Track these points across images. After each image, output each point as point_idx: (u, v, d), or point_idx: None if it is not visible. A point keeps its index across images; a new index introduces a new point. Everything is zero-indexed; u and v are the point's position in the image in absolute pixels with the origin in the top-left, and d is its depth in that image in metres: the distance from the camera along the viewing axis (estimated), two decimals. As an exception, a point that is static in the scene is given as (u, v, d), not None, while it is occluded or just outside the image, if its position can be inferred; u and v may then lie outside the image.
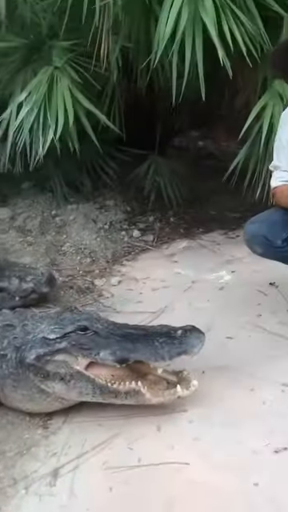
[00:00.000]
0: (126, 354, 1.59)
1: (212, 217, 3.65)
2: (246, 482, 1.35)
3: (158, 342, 1.59)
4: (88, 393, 1.62)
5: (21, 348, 1.67)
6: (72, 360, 1.61)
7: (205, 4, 2.12)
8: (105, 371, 1.63)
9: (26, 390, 1.66)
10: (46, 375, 1.62)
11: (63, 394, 1.64)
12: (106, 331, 1.65)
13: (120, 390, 1.60)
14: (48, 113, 2.45)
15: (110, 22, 2.43)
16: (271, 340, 2.04)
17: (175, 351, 1.56)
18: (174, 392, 1.60)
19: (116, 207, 3.66)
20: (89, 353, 1.61)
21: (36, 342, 1.66)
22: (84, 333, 1.65)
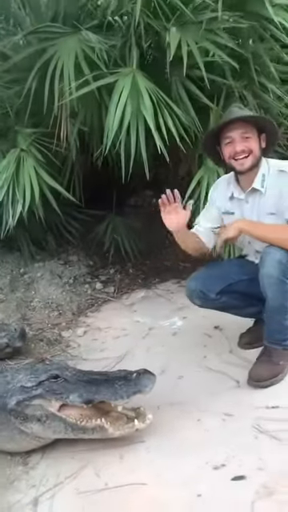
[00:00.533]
0: (91, 396, 1.90)
1: (166, 267, 4.04)
2: (191, 494, 1.67)
3: (117, 384, 1.91)
4: (61, 431, 1.92)
5: (2, 396, 1.96)
6: (46, 403, 1.91)
7: (144, 101, 2.59)
8: (74, 411, 1.93)
9: (7, 431, 1.94)
10: (25, 418, 1.92)
11: (40, 433, 1.93)
12: (73, 378, 1.97)
13: (87, 427, 1.90)
14: (16, 189, 2.83)
15: (68, 112, 2.87)
16: (215, 377, 2.36)
17: (131, 391, 1.89)
18: (132, 425, 1.91)
19: (79, 262, 4.01)
20: (60, 396, 1.91)
21: (15, 390, 1.95)
22: (55, 380, 1.95)
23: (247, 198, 2.31)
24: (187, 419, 2.08)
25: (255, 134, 2.18)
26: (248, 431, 1.94)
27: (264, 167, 2.25)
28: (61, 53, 2.77)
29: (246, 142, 2.16)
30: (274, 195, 2.20)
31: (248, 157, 2.16)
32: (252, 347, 2.51)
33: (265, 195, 2.24)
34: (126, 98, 2.60)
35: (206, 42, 2.66)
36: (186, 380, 2.41)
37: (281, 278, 2.07)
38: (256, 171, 2.24)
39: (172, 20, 2.79)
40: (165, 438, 1.98)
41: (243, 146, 2.16)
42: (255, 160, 2.18)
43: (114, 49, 2.90)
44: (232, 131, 2.16)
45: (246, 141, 2.16)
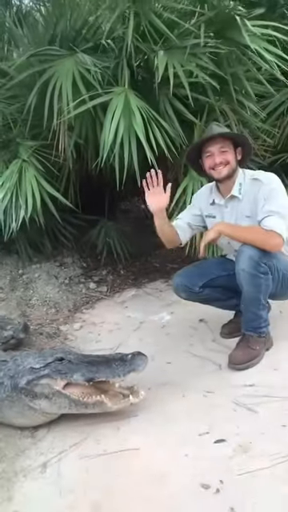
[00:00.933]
0: (92, 375, 2.18)
1: (155, 268, 4.35)
2: (180, 455, 1.96)
3: (114, 364, 2.20)
4: (65, 406, 2.20)
5: (14, 376, 2.23)
6: (53, 382, 2.19)
7: (136, 118, 2.90)
8: (77, 390, 2.21)
9: (18, 407, 2.21)
10: (34, 395, 2.19)
11: (47, 408, 2.20)
12: (76, 360, 2.26)
13: (89, 402, 2.18)
14: (19, 196, 3.12)
15: (66, 126, 3.16)
16: (199, 362, 2.67)
17: (127, 370, 2.18)
18: (127, 400, 2.20)
19: (74, 264, 4.29)
20: (65, 376, 2.19)
21: (25, 371, 2.23)
22: (61, 362, 2.23)
23: (226, 204, 2.63)
24: (174, 396, 2.37)
25: (231, 148, 2.51)
26: (227, 405, 2.24)
27: (241, 177, 2.58)
28: (59, 73, 3.06)
29: (223, 154, 2.49)
30: (249, 201, 2.52)
31: (225, 167, 2.50)
32: (232, 336, 2.81)
33: (242, 201, 2.56)
34: (119, 116, 2.90)
35: (190, 65, 2.98)
36: (173, 365, 2.71)
37: (253, 272, 2.38)
38: (234, 180, 2.57)
39: (159, 44, 3.12)
40: (155, 412, 2.27)
41: (221, 159, 2.49)
42: (231, 170, 2.52)
43: (108, 69, 3.21)
44: (212, 146, 2.50)
45: (224, 154, 2.49)
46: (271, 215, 2.37)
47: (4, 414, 2.25)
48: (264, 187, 2.45)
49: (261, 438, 1.98)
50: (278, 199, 2.40)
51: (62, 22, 3.34)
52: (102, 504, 1.77)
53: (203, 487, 1.77)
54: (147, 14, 3.01)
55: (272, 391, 2.28)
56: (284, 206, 2.39)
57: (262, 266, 2.40)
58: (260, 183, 2.49)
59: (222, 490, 1.75)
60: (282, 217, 2.36)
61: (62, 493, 1.85)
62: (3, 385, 2.23)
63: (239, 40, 2.93)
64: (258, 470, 1.80)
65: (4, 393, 2.22)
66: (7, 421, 2.27)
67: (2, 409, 2.24)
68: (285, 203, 2.41)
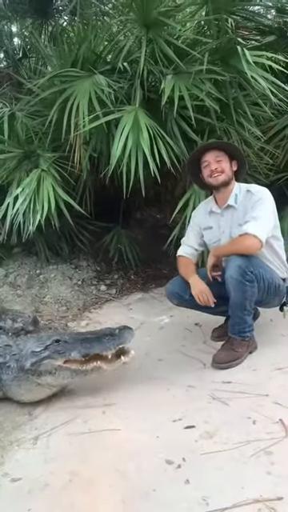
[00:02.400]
0: (87, 351, 2.48)
1: (164, 275, 4.59)
2: (153, 437, 2.21)
3: (105, 339, 2.51)
4: (68, 376, 2.51)
5: (19, 360, 2.55)
6: (54, 361, 2.50)
7: (143, 134, 3.19)
8: (75, 363, 2.50)
9: (26, 385, 2.52)
10: (40, 373, 2.50)
11: (52, 382, 2.51)
12: (71, 339, 2.57)
13: (87, 369, 2.48)
14: (37, 202, 3.44)
15: (81, 140, 3.49)
16: (188, 361, 2.92)
17: (116, 343, 2.49)
18: (120, 361, 2.50)
19: (88, 267, 4.60)
20: (64, 354, 2.50)
21: (28, 355, 2.54)
22: (58, 343, 2.54)
23: (223, 213, 2.88)
24: (159, 389, 2.62)
25: (226, 158, 2.80)
26: (204, 398, 2.47)
27: (237, 188, 2.85)
28: (77, 92, 3.39)
29: (218, 163, 2.78)
30: (243, 211, 2.77)
31: (221, 174, 2.78)
32: (221, 339, 3.04)
33: (237, 210, 2.81)
34: (128, 132, 3.19)
35: (195, 89, 3.25)
36: (164, 362, 2.96)
37: (239, 279, 2.62)
38: (230, 190, 2.84)
39: (170, 68, 3.42)
40: (139, 401, 2.53)
41: (217, 165, 2.78)
42: (227, 177, 2.79)
43: (122, 89, 3.52)
44: (208, 156, 2.80)
45: (219, 162, 2.78)
46: (250, 221, 2.63)
47: (13, 391, 2.57)
48: (253, 197, 2.72)
49: (227, 426, 2.21)
50: (261, 207, 2.67)
51: (84, 45, 3.68)
52: (79, 472, 2.03)
53: (167, 463, 2.01)
54: (158, 41, 3.30)
55: (246, 388, 2.50)
56: (265, 212, 2.65)
57: (248, 275, 2.63)
58: (251, 194, 2.75)
59: (183, 465, 1.98)
60: (259, 221, 2.62)
61: (46, 461, 2.13)
62: (10, 367, 2.56)
63: (240, 68, 3.19)
64: (218, 452, 2.03)
65: (12, 374, 2.55)
66: (16, 397, 2.59)
67: (12, 388, 2.56)
68: (267, 210, 2.66)
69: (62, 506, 1.85)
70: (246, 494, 1.78)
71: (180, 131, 3.43)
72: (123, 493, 1.87)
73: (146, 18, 3.29)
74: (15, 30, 5.91)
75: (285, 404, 2.31)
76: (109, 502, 1.83)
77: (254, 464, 1.94)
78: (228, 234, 2.87)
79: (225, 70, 3.29)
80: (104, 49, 3.77)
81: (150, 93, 3.56)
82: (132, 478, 1.95)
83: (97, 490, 1.91)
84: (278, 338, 3.03)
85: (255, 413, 2.28)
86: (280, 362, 2.71)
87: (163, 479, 1.92)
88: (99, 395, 2.62)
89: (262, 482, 1.83)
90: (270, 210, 2.71)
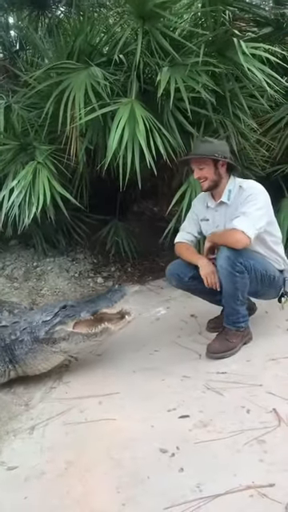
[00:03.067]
0: (94, 308, 2.62)
1: (161, 267, 4.58)
2: (147, 426, 2.23)
3: (108, 295, 2.68)
4: (80, 341, 2.63)
5: (33, 332, 2.63)
6: (65, 326, 2.60)
7: (139, 126, 3.19)
8: (84, 326, 2.64)
9: (43, 355, 2.62)
10: (54, 341, 2.61)
11: (66, 347, 2.64)
12: (76, 303, 2.71)
13: (97, 332, 2.62)
14: (32, 195, 3.44)
15: (77, 133, 3.49)
16: (183, 351, 2.93)
17: (119, 296, 2.68)
18: (125, 320, 2.67)
19: (85, 260, 4.61)
20: (74, 317, 2.61)
21: (40, 325, 2.63)
22: (65, 308, 2.65)
23: (217, 208, 2.90)
24: (154, 379, 2.65)
25: (210, 164, 2.78)
26: (199, 388, 2.50)
27: (231, 184, 2.84)
28: (73, 85, 3.38)
29: (201, 171, 2.80)
30: (236, 206, 2.78)
31: (205, 181, 2.81)
32: (216, 330, 3.05)
33: (230, 206, 2.83)
34: (124, 124, 3.19)
35: (190, 81, 3.25)
36: (159, 352, 2.98)
37: (229, 270, 2.64)
38: (223, 188, 2.84)
39: (167, 60, 3.41)
40: (135, 391, 2.55)
41: (199, 175, 2.81)
42: (211, 183, 2.81)
43: (118, 82, 3.51)
44: (192, 164, 2.86)
45: (201, 171, 2.80)
46: (239, 216, 2.65)
47: (29, 364, 2.65)
48: (244, 193, 2.73)
49: (221, 416, 2.24)
50: (251, 202, 2.67)
51: (80, 37, 3.67)
52: (74, 461, 2.05)
53: (161, 451, 2.04)
54: (154, 33, 3.30)
55: (241, 379, 2.53)
56: (255, 208, 2.66)
57: (237, 265, 2.65)
58: (243, 190, 2.76)
59: (176, 454, 2.01)
60: (248, 217, 2.63)
61: (42, 450, 2.16)
62: (23, 341, 2.64)
63: (236, 59, 3.19)
64: (211, 441, 2.06)
65: (26, 347, 2.63)
66: (32, 370, 2.68)
67: (27, 361, 2.64)
68: (257, 206, 2.67)
69: (57, 494, 1.87)
70: (239, 480, 1.81)
71: (176, 123, 3.43)
72: (118, 481, 1.90)
73: (141, 10, 3.28)
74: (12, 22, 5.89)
75: (278, 394, 2.34)
76: (104, 490, 1.86)
77: (247, 452, 1.97)
78: (222, 228, 2.88)
79: (221, 61, 3.28)
80: (100, 41, 3.76)
81: (147, 85, 3.55)
82: (127, 467, 1.98)
83: (92, 478, 1.93)
84: (272, 330, 3.06)
85: (249, 402, 2.31)
86: (274, 353, 2.74)
87: (157, 467, 1.95)
88: (95, 386, 2.64)
89: (254, 470, 1.86)
90: (262, 205, 2.70)
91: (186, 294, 3.85)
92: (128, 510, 1.75)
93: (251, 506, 1.70)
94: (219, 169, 2.79)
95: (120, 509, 1.75)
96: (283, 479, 1.79)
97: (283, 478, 1.80)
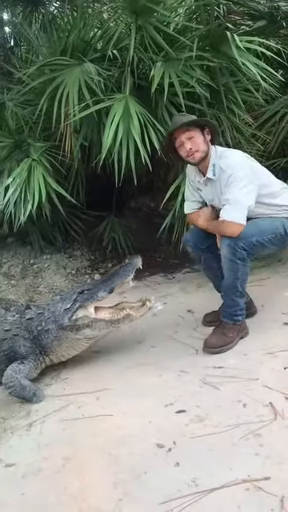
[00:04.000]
0: (111, 285, 2.71)
1: (158, 263, 4.61)
2: (145, 421, 2.24)
3: (121, 271, 2.76)
4: (103, 327, 2.71)
5: (57, 321, 2.70)
6: (86, 311, 2.68)
7: (134, 122, 3.18)
8: (107, 313, 2.75)
9: (68, 342, 2.71)
10: (78, 328, 2.69)
11: (90, 334, 2.71)
12: (92, 286, 2.78)
13: (119, 318, 2.71)
14: (28, 192, 3.44)
15: (72, 129, 3.48)
16: (180, 347, 2.93)
17: (131, 268, 2.74)
18: (146, 307, 2.77)
19: (82, 256, 4.61)
20: (92, 298, 2.69)
21: (62, 313, 2.70)
22: (83, 293, 2.71)
23: (206, 183, 2.87)
24: (151, 375, 2.65)
25: (198, 132, 2.75)
26: (196, 383, 2.51)
27: (214, 157, 2.78)
28: (67, 81, 3.37)
29: (191, 141, 2.73)
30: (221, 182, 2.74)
31: (197, 151, 2.75)
32: (213, 325, 3.05)
33: (217, 180, 2.78)
34: (118, 119, 3.19)
35: (184, 76, 3.24)
36: (156, 348, 2.98)
37: (230, 258, 2.66)
38: (208, 161, 2.80)
39: (161, 55, 3.40)
40: (132, 387, 2.56)
41: (190, 145, 2.74)
42: (203, 153, 2.75)
43: (112, 77, 3.50)
44: (179, 136, 2.76)
45: (192, 140, 2.74)
46: (225, 204, 2.67)
47: (56, 353, 2.75)
48: (224, 175, 2.70)
49: (217, 410, 2.24)
50: (233, 184, 2.65)
51: (74, 33, 3.66)
52: (71, 457, 2.06)
53: (158, 446, 2.04)
54: (148, 27, 3.28)
55: (237, 373, 2.53)
56: (238, 188, 2.64)
57: (238, 252, 2.66)
58: (223, 171, 2.71)
59: (173, 449, 2.02)
60: (233, 205, 2.64)
61: (39, 447, 2.17)
62: (49, 330, 2.72)
63: (230, 54, 3.17)
64: (207, 435, 2.07)
65: (52, 335, 2.71)
66: (58, 357, 2.77)
67: (53, 348, 2.72)
68: (239, 184, 2.64)
69: (55, 490, 1.88)
70: (235, 474, 1.82)
71: (171, 118, 3.41)
72: (115, 476, 1.90)
73: (135, 5, 3.27)
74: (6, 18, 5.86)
75: (275, 387, 2.34)
76: (100, 486, 1.87)
77: (242, 446, 1.98)
78: (216, 199, 2.87)
79: (215, 56, 3.27)
80: (94, 36, 3.74)
81: (141, 80, 3.54)
82: (124, 462, 1.98)
83: (89, 474, 1.94)
84: (269, 324, 3.05)
85: (245, 396, 2.31)
86: (271, 347, 2.74)
87: (154, 462, 1.96)
88: (92, 382, 2.66)
89: (250, 463, 1.87)
90: (245, 182, 2.65)
91: (183, 290, 3.91)
92: (125, 505, 1.76)
93: (247, 499, 1.70)
94: (206, 137, 2.76)
95: (117, 504, 1.76)
96: (279, 472, 1.80)
97: (279, 471, 1.81)
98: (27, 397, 2.54)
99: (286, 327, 2.99)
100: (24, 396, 2.54)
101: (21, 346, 2.69)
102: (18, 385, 2.55)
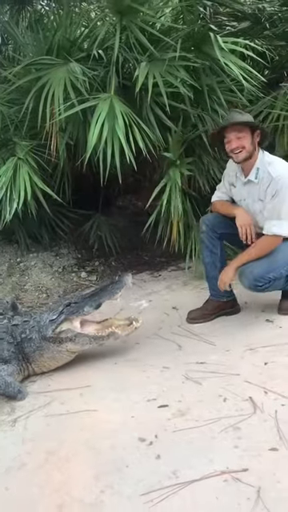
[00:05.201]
0: (98, 301, 2.70)
1: (145, 261, 4.66)
2: (127, 416, 2.28)
3: (109, 288, 2.74)
4: (86, 343, 2.70)
5: (41, 331, 2.70)
6: (71, 324, 2.68)
7: (119, 122, 3.22)
8: (92, 328, 2.74)
9: (49, 354, 2.70)
10: (61, 340, 2.68)
11: (72, 348, 2.70)
12: (80, 299, 2.77)
13: (104, 335, 2.71)
14: (13, 190, 3.47)
15: (57, 128, 3.51)
16: (163, 343, 2.99)
17: (120, 287, 2.73)
18: (132, 326, 2.76)
19: (69, 255, 4.64)
20: (78, 312, 2.69)
21: (47, 324, 2.70)
22: (70, 306, 2.71)
23: (245, 184, 2.94)
24: (135, 370, 2.69)
25: (248, 133, 2.80)
26: (178, 378, 2.55)
27: (259, 161, 2.86)
28: (52, 80, 3.40)
29: (239, 140, 2.79)
30: (263, 187, 2.83)
31: (242, 151, 2.80)
32: (196, 322, 3.12)
33: (258, 184, 2.86)
34: (103, 119, 3.22)
35: (168, 76, 3.29)
36: (140, 345, 3.03)
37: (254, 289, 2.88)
38: (253, 163, 2.86)
39: (146, 55, 3.44)
40: (116, 382, 2.59)
41: (237, 144, 2.80)
42: (248, 153, 2.81)
43: (97, 77, 3.53)
44: (229, 133, 2.82)
45: (240, 140, 2.79)
46: (273, 220, 2.79)
47: (37, 362, 2.74)
48: (273, 184, 2.77)
49: (198, 404, 2.29)
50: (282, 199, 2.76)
51: (59, 32, 3.68)
52: (55, 451, 2.09)
53: (140, 440, 2.08)
54: (132, 28, 3.32)
55: (219, 368, 2.58)
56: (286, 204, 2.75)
57: (260, 282, 2.82)
58: (271, 178, 2.79)
59: (154, 442, 2.06)
60: (283, 220, 2.76)
61: (23, 442, 2.19)
62: (32, 339, 2.72)
63: (213, 54, 3.22)
64: (189, 429, 2.11)
65: (34, 345, 2.71)
66: (40, 368, 2.76)
67: (35, 359, 2.72)
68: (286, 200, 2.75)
69: (37, 484, 1.91)
70: (214, 466, 1.86)
71: (155, 118, 3.46)
72: (97, 469, 1.94)
73: (119, 5, 3.30)
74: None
75: (255, 382, 2.40)
76: (82, 479, 1.90)
77: (222, 439, 2.03)
78: (248, 203, 2.96)
79: (199, 56, 3.32)
80: (80, 36, 3.77)
81: (125, 80, 3.58)
82: (106, 456, 2.02)
83: (72, 468, 1.98)
84: (251, 320, 3.12)
85: (226, 391, 2.36)
86: (252, 343, 2.80)
87: (136, 456, 2.00)
88: (77, 378, 2.68)
89: (229, 456, 1.92)
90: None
91: (168, 287, 3.97)
92: (106, 496, 1.80)
93: (225, 490, 1.75)
94: (254, 139, 2.81)
95: (98, 496, 1.80)
96: (256, 464, 1.85)
97: (256, 462, 1.86)
98: (12, 393, 2.56)
99: (268, 324, 3.06)
100: (9, 393, 2.56)
101: (4, 349, 2.70)
102: (2, 382, 2.57)
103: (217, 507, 1.69)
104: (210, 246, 3.10)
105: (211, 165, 3.82)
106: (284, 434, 2.00)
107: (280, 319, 3.08)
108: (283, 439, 1.97)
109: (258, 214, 2.94)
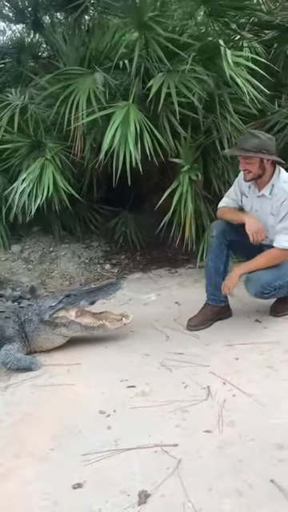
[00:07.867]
0: (93, 298, 3.05)
1: (167, 258, 4.89)
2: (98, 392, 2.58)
3: (106, 288, 3.12)
4: (78, 330, 3.06)
5: (40, 314, 3.08)
6: (67, 313, 3.03)
7: (131, 129, 3.52)
8: (85, 319, 3.06)
9: (45, 335, 3.06)
10: (56, 325, 3.04)
11: (66, 333, 3.07)
12: (79, 293, 3.12)
13: (94, 326, 3.05)
14: (38, 188, 3.89)
15: (81, 132, 3.86)
16: (155, 333, 3.24)
17: (115, 289, 3.12)
18: (121, 322, 3.07)
19: (98, 247, 5.00)
20: (74, 304, 3.04)
21: (46, 309, 3.06)
22: (69, 297, 3.07)
23: (258, 197, 3.08)
24: (121, 354, 3.00)
25: (256, 160, 2.89)
26: (154, 364, 2.83)
27: (275, 177, 2.97)
28: (79, 89, 3.76)
29: (247, 164, 2.94)
30: (276, 203, 2.97)
31: (248, 174, 2.97)
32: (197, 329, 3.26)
33: (271, 200, 3.01)
34: (117, 126, 3.53)
35: (182, 87, 3.53)
36: (134, 333, 3.30)
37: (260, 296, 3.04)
38: (266, 180, 2.99)
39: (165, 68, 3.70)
40: (101, 363, 2.91)
41: (244, 167, 2.96)
42: (254, 176, 2.96)
43: (121, 86, 3.85)
44: (239, 155, 3.00)
45: (247, 164, 2.93)
46: (283, 233, 2.93)
47: (34, 342, 3.09)
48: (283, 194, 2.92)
49: (161, 388, 2.56)
50: None
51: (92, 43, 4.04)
52: (29, 414, 2.45)
53: (100, 412, 2.39)
54: (151, 42, 3.59)
55: (193, 359, 2.82)
56: None
57: (267, 290, 2.98)
58: (286, 194, 2.92)
59: (112, 415, 2.36)
60: None
61: (6, 404, 2.58)
62: (32, 321, 3.10)
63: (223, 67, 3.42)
64: (144, 407, 2.39)
65: (33, 326, 3.09)
66: (38, 347, 3.11)
67: (33, 338, 3.09)
68: None
69: (7, 437, 2.28)
70: (151, 440, 2.14)
71: (170, 125, 3.71)
72: (56, 431, 2.28)
73: (139, 21, 3.58)
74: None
75: (219, 374, 2.62)
76: (42, 437, 2.25)
77: (168, 418, 2.29)
78: (260, 215, 3.07)
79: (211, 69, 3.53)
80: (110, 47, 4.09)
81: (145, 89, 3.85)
82: (67, 422, 2.35)
83: (37, 428, 2.33)
84: (242, 320, 3.29)
85: (190, 379, 2.61)
86: (232, 340, 3.00)
87: (91, 424, 2.31)
88: (70, 356, 3.03)
89: (167, 432, 2.18)
90: None
91: (180, 284, 4.21)
92: (54, 453, 2.13)
93: (151, 459, 2.02)
94: (264, 164, 2.92)
95: (48, 452, 2.14)
96: (186, 441, 2.10)
97: (187, 440, 2.11)
98: (26, 366, 2.93)
99: (256, 324, 3.23)
100: (23, 366, 2.93)
101: (10, 327, 3.08)
102: (13, 359, 2.95)
103: (139, 472, 1.96)
104: (217, 251, 3.21)
105: (226, 168, 4.00)
106: (223, 419, 2.23)
107: (269, 320, 3.25)
108: (220, 423, 2.20)
109: (269, 228, 3.04)
